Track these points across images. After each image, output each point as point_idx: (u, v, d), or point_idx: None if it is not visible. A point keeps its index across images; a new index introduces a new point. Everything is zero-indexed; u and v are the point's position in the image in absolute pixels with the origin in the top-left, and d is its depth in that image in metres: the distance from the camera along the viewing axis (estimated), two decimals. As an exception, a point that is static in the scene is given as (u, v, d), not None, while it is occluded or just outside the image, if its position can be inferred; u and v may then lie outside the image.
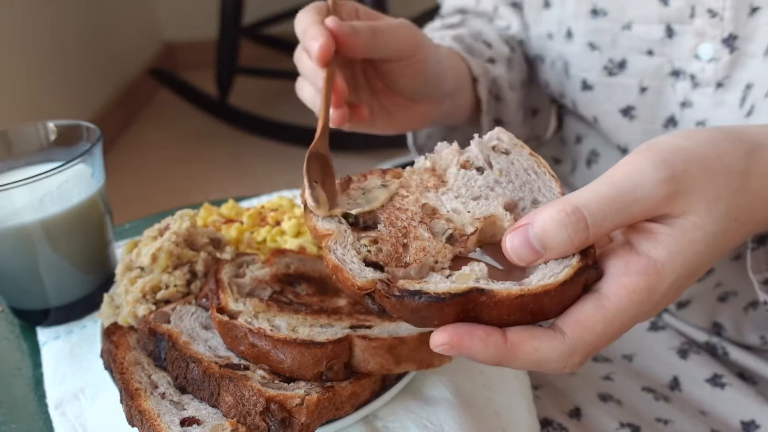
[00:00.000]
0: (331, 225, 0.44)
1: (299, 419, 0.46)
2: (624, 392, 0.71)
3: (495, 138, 0.49)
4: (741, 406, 0.68)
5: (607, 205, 0.40)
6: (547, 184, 0.46)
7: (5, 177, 0.67)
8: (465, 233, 0.44)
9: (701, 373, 0.72)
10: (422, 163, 0.49)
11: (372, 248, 0.43)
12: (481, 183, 0.47)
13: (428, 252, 0.43)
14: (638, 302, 0.40)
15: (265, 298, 0.57)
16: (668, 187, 0.40)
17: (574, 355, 0.41)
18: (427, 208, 0.46)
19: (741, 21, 0.63)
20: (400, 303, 0.40)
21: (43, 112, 2.40)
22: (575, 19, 0.76)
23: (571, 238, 0.40)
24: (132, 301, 0.58)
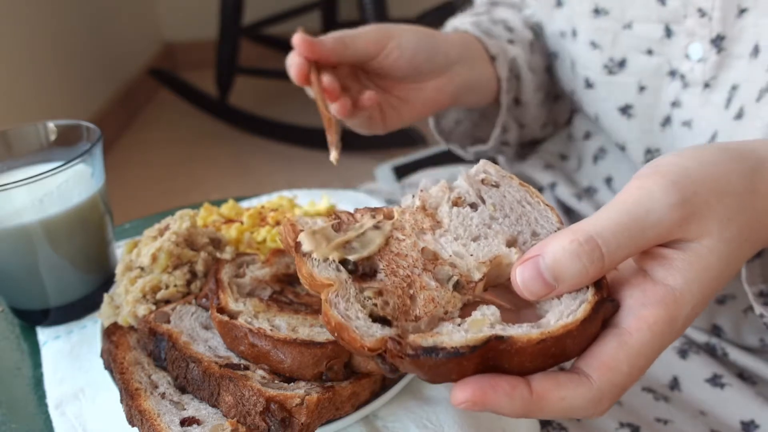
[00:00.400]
0: (329, 273, 0.42)
1: (299, 419, 0.46)
2: None
3: (482, 171, 0.48)
4: (741, 406, 0.68)
5: (621, 233, 0.38)
6: (544, 215, 0.45)
7: (5, 177, 0.67)
8: (472, 280, 0.42)
9: (701, 373, 0.72)
10: (412, 202, 0.47)
11: (378, 301, 0.41)
12: (477, 221, 0.45)
13: (438, 303, 0.41)
14: (660, 334, 0.39)
15: (265, 298, 0.57)
16: (681, 211, 0.39)
17: (602, 401, 0.39)
18: (428, 253, 0.44)
19: (729, 22, 0.64)
20: (416, 362, 0.37)
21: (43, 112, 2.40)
22: (579, 18, 0.77)
23: (587, 268, 0.38)
24: (132, 301, 0.58)
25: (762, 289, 0.55)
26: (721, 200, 0.41)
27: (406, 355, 0.37)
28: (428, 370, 0.38)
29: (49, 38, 2.54)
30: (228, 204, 0.77)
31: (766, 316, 0.55)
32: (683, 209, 0.39)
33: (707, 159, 0.42)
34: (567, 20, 0.80)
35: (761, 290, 0.55)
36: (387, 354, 0.38)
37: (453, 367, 0.37)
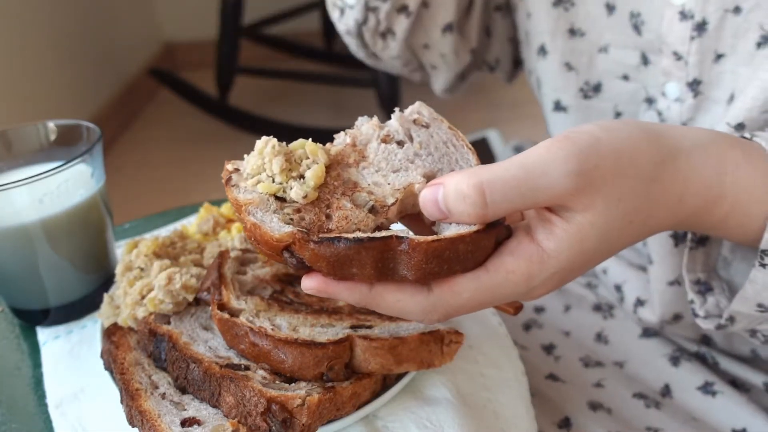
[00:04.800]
0: (252, 195, 0.44)
1: (300, 420, 0.46)
2: (615, 400, 0.71)
3: (416, 112, 0.49)
4: (733, 414, 0.67)
5: (510, 187, 0.40)
6: (465, 156, 0.47)
7: (5, 177, 0.67)
8: (386, 204, 0.45)
9: (693, 381, 0.71)
10: (343, 139, 0.48)
11: (295, 216, 0.43)
12: (401, 156, 0.47)
13: (351, 220, 0.43)
14: (513, 283, 0.42)
15: (266, 297, 0.57)
16: (575, 182, 0.40)
17: (432, 313, 0.43)
18: (349, 182, 0.46)
19: (706, 67, 0.62)
20: (319, 248, 0.40)
21: (43, 112, 2.40)
22: (551, 37, 0.74)
23: (468, 211, 0.40)
24: (131, 303, 0.58)
25: (699, 276, 0.56)
26: (617, 180, 0.42)
27: (312, 241, 0.41)
28: (330, 259, 0.41)
29: (49, 38, 2.54)
30: (228, 204, 0.77)
31: (695, 303, 0.56)
32: (578, 180, 0.40)
33: (623, 135, 0.43)
34: (534, 36, 0.77)
35: (698, 278, 0.56)
36: (295, 245, 0.41)
37: (353, 255, 0.40)
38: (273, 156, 0.45)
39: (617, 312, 0.80)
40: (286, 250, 0.42)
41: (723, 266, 0.64)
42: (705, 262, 0.56)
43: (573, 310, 0.81)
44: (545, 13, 0.74)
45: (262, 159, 0.45)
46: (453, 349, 0.55)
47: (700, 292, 0.56)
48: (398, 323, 0.56)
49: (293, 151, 0.46)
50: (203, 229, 0.72)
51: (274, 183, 0.44)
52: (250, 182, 0.45)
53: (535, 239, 0.42)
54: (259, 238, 0.42)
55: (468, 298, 0.42)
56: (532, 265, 0.42)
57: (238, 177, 0.46)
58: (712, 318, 0.55)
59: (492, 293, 0.42)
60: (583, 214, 0.41)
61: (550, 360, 0.75)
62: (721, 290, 0.56)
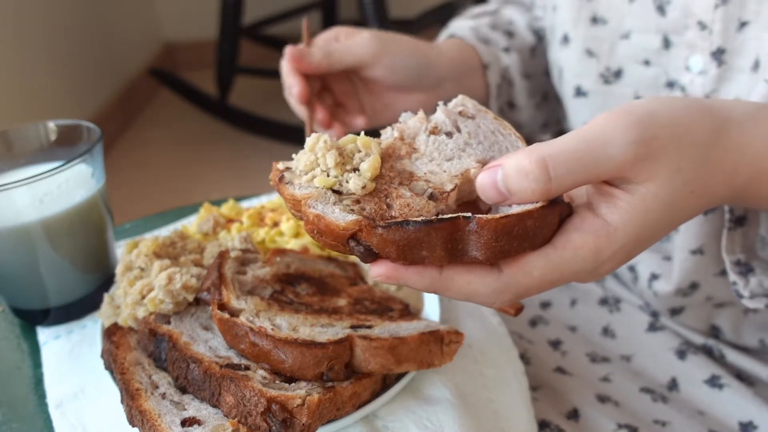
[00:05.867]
0: (309, 190, 0.44)
1: (300, 420, 0.46)
2: (622, 393, 0.71)
3: (460, 104, 0.50)
4: (739, 407, 0.68)
5: (574, 160, 0.40)
6: (515, 144, 0.47)
7: (5, 177, 0.67)
8: (445, 190, 0.44)
9: (699, 374, 0.72)
10: (390, 134, 0.49)
11: (355, 207, 0.43)
12: (452, 146, 0.47)
13: (413, 207, 0.43)
14: (582, 259, 0.41)
15: (266, 297, 0.57)
16: (636, 151, 0.40)
17: (504, 293, 0.42)
18: (404, 173, 0.46)
19: (730, 35, 0.63)
20: (387, 233, 0.40)
21: (43, 112, 2.40)
22: (573, 25, 0.76)
23: (532, 187, 0.40)
24: (131, 303, 0.58)
25: (740, 257, 0.57)
26: (677, 148, 0.42)
27: (379, 227, 0.40)
28: (400, 244, 0.40)
29: (49, 38, 2.54)
30: (228, 204, 0.77)
31: (738, 284, 0.57)
32: (638, 149, 0.40)
33: (677, 107, 0.44)
34: (559, 26, 0.79)
35: (738, 259, 0.57)
36: (361, 233, 0.41)
37: (422, 238, 0.40)
38: (326, 150, 0.44)
39: (624, 305, 0.81)
40: (352, 239, 0.41)
41: (761, 246, 0.64)
42: (743, 243, 0.57)
43: (579, 305, 0.82)
44: (568, 4, 0.76)
45: (315, 155, 0.45)
46: (453, 349, 0.55)
47: (742, 273, 0.56)
48: (398, 323, 0.56)
49: (344, 145, 0.46)
50: (203, 229, 0.72)
51: (330, 177, 0.44)
52: (305, 178, 0.44)
53: (599, 214, 0.42)
54: (324, 229, 0.42)
55: (539, 277, 0.42)
56: (599, 239, 0.41)
57: (290, 175, 0.45)
58: (758, 298, 0.56)
59: (561, 270, 0.42)
60: (646, 185, 0.41)
61: (557, 355, 0.76)
62: (762, 269, 0.56)
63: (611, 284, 0.83)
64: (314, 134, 0.45)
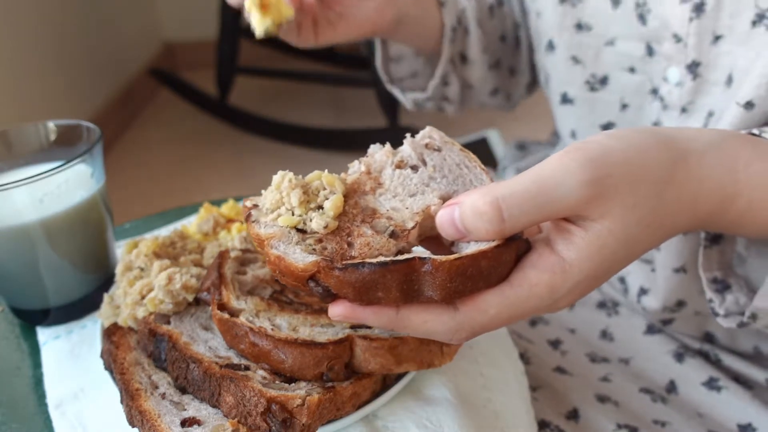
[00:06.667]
0: (274, 229, 0.45)
1: (300, 420, 0.46)
2: (622, 394, 0.71)
3: (427, 136, 0.50)
4: (738, 409, 0.68)
5: (526, 201, 0.40)
6: (479, 177, 0.48)
7: (5, 177, 0.67)
8: (406, 228, 0.45)
9: (697, 377, 0.72)
10: (357, 167, 0.49)
11: (317, 246, 0.44)
12: (416, 181, 0.48)
13: (372, 246, 0.44)
14: (537, 296, 0.42)
15: (266, 297, 0.57)
16: (589, 190, 0.41)
17: (460, 331, 0.43)
18: (367, 210, 0.47)
19: (704, 48, 0.62)
20: (344, 275, 0.41)
21: (43, 112, 2.40)
22: (558, 32, 0.76)
23: (486, 228, 0.41)
24: (131, 303, 0.58)
25: (716, 275, 0.57)
26: (631, 186, 0.42)
27: (336, 268, 0.41)
28: (356, 286, 0.41)
29: (49, 38, 2.54)
30: (228, 204, 0.77)
31: (714, 302, 0.56)
32: (592, 189, 0.41)
33: (633, 142, 0.44)
34: (544, 33, 0.79)
35: (715, 276, 0.57)
36: (319, 274, 0.42)
37: (378, 279, 0.41)
38: (291, 189, 0.45)
39: (622, 309, 0.81)
40: (311, 280, 0.42)
41: (739, 263, 0.64)
42: (720, 260, 0.56)
43: (578, 308, 0.82)
44: (552, 10, 0.76)
45: (280, 193, 0.46)
46: (453, 349, 0.55)
47: (718, 291, 0.56)
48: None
49: (309, 183, 0.47)
50: (203, 229, 0.72)
51: (294, 216, 0.45)
52: (271, 217, 0.45)
53: (556, 250, 0.42)
54: (284, 270, 0.43)
55: (494, 314, 0.42)
56: (555, 276, 0.42)
57: (257, 213, 0.46)
58: (732, 316, 0.56)
59: (517, 307, 0.42)
60: (601, 222, 0.42)
61: (556, 354, 0.76)
62: (739, 287, 0.56)
63: (609, 289, 0.83)
64: (280, 172, 0.46)
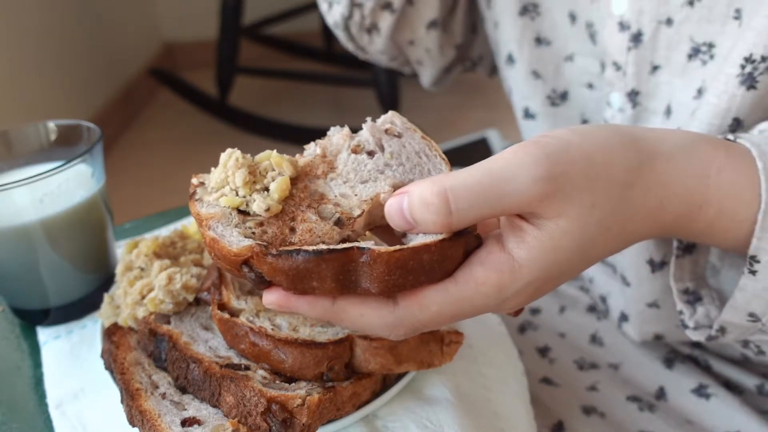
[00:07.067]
0: (215, 209, 0.43)
1: (300, 420, 0.46)
2: (608, 404, 0.70)
3: (388, 121, 0.48)
4: (726, 417, 0.67)
5: (476, 194, 0.38)
6: (438, 167, 0.46)
7: (5, 177, 0.67)
8: (352, 216, 0.43)
9: (687, 383, 0.71)
10: (313, 149, 0.47)
11: (257, 230, 0.42)
12: (370, 167, 0.46)
13: (315, 233, 0.42)
14: (483, 295, 0.40)
15: (266, 298, 0.57)
16: (543, 187, 0.38)
17: (398, 327, 0.41)
18: (316, 194, 0.45)
19: (643, 78, 0.61)
20: (277, 261, 0.39)
21: (43, 112, 2.40)
22: (518, 45, 0.74)
23: (433, 220, 0.39)
24: (131, 303, 0.58)
25: (688, 286, 0.54)
26: (589, 185, 0.40)
27: (270, 254, 0.39)
28: (289, 274, 0.39)
29: (49, 38, 2.54)
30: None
31: (684, 314, 0.54)
32: (546, 185, 0.39)
33: (596, 139, 0.41)
34: (503, 45, 0.77)
35: (687, 287, 0.54)
36: (253, 259, 0.40)
37: (312, 268, 0.39)
38: (236, 169, 0.44)
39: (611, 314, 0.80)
40: (245, 265, 0.41)
41: (712, 274, 0.62)
42: (693, 270, 0.54)
43: (568, 311, 0.81)
44: (511, 23, 0.74)
45: (226, 172, 0.44)
46: (453, 349, 0.55)
47: (689, 302, 0.54)
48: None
49: (259, 163, 0.45)
50: (203, 229, 0.72)
51: (238, 196, 0.43)
52: (214, 196, 0.44)
53: (506, 248, 0.40)
54: (218, 253, 0.41)
55: (436, 312, 0.40)
56: (503, 276, 0.40)
57: (202, 191, 0.45)
58: (702, 329, 0.53)
59: (461, 306, 0.40)
60: (556, 222, 0.39)
61: (544, 363, 0.75)
62: (710, 300, 0.54)
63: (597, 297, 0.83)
64: (228, 150, 0.45)
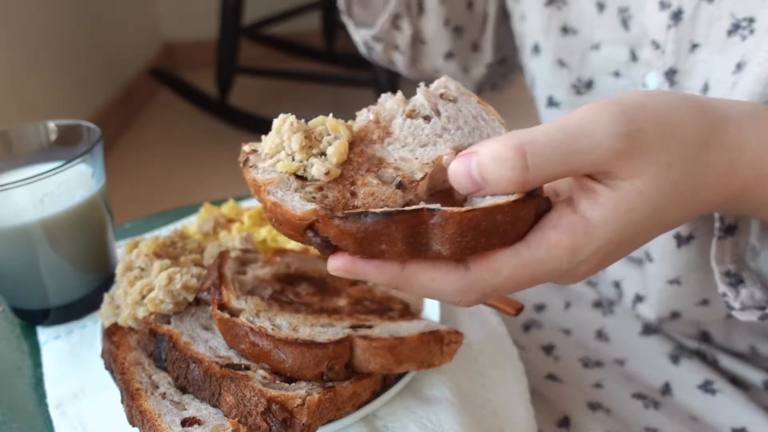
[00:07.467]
0: (272, 175, 0.42)
1: (300, 420, 0.46)
2: (613, 400, 0.71)
3: (442, 86, 0.47)
4: (732, 413, 0.67)
5: (553, 149, 0.37)
6: (497, 131, 0.45)
7: (5, 177, 0.67)
8: (414, 179, 0.42)
9: (693, 379, 0.71)
10: (365, 116, 0.46)
11: (317, 195, 0.40)
12: (428, 131, 0.44)
13: (378, 197, 0.41)
14: (556, 258, 0.39)
15: (266, 297, 0.57)
16: (621, 143, 0.37)
17: (469, 292, 0.40)
18: (374, 159, 0.43)
19: (681, 56, 0.62)
20: (345, 224, 0.38)
21: (43, 112, 2.40)
22: (544, 35, 0.75)
23: (508, 176, 0.37)
24: (131, 303, 0.58)
25: (729, 268, 0.54)
26: (666, 144, 0.39)
27: (336, 217, 0.38)
28: (358, 237, 0.38)
29: (49, 38, 2.54)
30: (228, 204, 0.77)
31: (728, 296, 0.54)
32: (624, 142, 0.38)
33: (668, 102, 0.41)
34: (529, 35, 0.78)
35: (728, 270, 0.54)
36: (318, 223, 0.39)
37: (382, 231, 0.37)
38: (292, 133, 0.42)
39: (617, 309, 0.80)
40: (309, 229, 0.39)
41: (751, 256, 0.61)
42: (734, 252, 0.54)
43: (573, 307, 0.81)
44: (538, 13, 0.75)
45: (281, 137, 0.42)
46: (453, 349, 0.55)
47: (732, 285, 0.54)
48: (398, 323, 0.56)
49: (313, 128, 0.43)
50: (204, 229, 0.72)
51: (294, 161, 0.42)
52: (269, 162, 0.42)
53: (578, 210, 0.39)
54: (280, 218, 0.40)
55: (507, 276, 0.39)
56: (577, 238, 0.38)
57: (255, 158, 0.43)
58: (749, 310, 0.53)
59: (533, 270, 0.39)
60: (631, 182, 0.38)
61: (549, 360, 0.76)
62: (752, 282, 0.54)
63: (604, 289, 0.83)
64: (282, 115, 0.43)
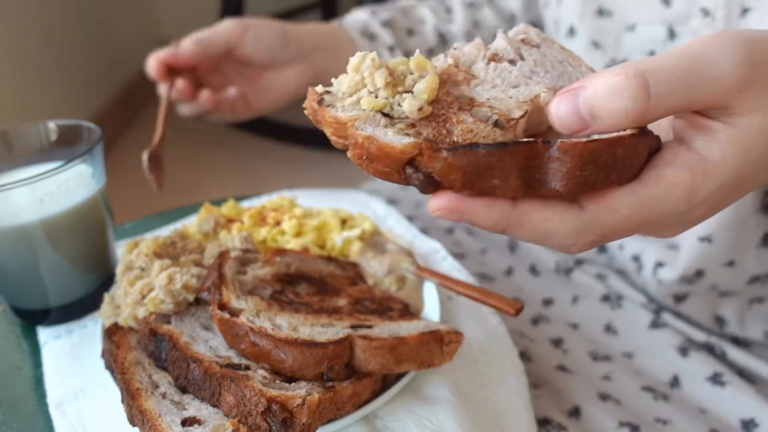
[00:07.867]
0: (354, 112, 0.38)
1: (300, 419, 0.46)
2: (623, 392, 0.71)
3: (522, 32, 0.44)
4: (741, 404, 0.68)
5: (677, 77, 0.34)
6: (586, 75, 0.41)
7: (5, 177, 0.67)
8: (513, 117, 0.38)
9: (702, 372, 0.72)
10: (443, 61, 0.43)
11: (411, 131, 0.37)
12: (516, 73, 0.41)
13: (477, 134, 0.37)
14: (675, 198, 0.37)
15: (266, 297, 0.57)
16: (746, 72, 0.35)
17: (585, 234, 0.37)
18: (464, 98, 0.40)
19: (733, 21, 0.63)
20: (454, 157, 0.34)
21: (43, 112, 2.40)
22: (579, 18, 0.77)
23: (627, 108, 0.34)
24: (131, 303, 0.58)
25: None
26: None
27: (443, 149, 0.34)
28: (467, 171, 0.34)
29: (49, 38, 2.54)
30: (228, 204, 0.77)
31: None
32: (749, 70, 0.35)
33: None
34: (564, 19, 0.80)
35: None
36: (421, 158, 0.35)
37: (495, 163, 0.34)
38: (374, 69, 0.39)
39: (626, 303, 0.81)
40: (409, 165, 0.36)
41: None
42: None
43: (581, 301, 0.82)
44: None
45: (361, 74, 0.39)
46: (452, 349, 0.55)
47: None
48: (398, 323, 0.56)
49: (394, 68, 0.40)
50: (204, 229, 0.72)
51: (378, 98, 0.38)
52: (349, 101, 0.39)
53: (695, 148, 0.37)
54: (376, 153, 0.36)
55: (626, 216, 0.37)
56: (696, 176, 0.36)
57: (331, 97, 0.40)
58: None
59: (651, 210, 0.37)
60: (749, 117, 0.36)
61: (558, 353, 0.76)
62: None
63: (613, 281, 0.84)
64: (359, 53, 0.39)
